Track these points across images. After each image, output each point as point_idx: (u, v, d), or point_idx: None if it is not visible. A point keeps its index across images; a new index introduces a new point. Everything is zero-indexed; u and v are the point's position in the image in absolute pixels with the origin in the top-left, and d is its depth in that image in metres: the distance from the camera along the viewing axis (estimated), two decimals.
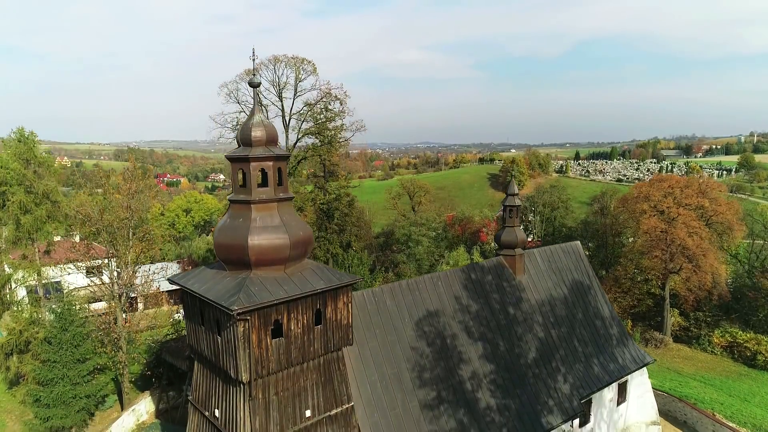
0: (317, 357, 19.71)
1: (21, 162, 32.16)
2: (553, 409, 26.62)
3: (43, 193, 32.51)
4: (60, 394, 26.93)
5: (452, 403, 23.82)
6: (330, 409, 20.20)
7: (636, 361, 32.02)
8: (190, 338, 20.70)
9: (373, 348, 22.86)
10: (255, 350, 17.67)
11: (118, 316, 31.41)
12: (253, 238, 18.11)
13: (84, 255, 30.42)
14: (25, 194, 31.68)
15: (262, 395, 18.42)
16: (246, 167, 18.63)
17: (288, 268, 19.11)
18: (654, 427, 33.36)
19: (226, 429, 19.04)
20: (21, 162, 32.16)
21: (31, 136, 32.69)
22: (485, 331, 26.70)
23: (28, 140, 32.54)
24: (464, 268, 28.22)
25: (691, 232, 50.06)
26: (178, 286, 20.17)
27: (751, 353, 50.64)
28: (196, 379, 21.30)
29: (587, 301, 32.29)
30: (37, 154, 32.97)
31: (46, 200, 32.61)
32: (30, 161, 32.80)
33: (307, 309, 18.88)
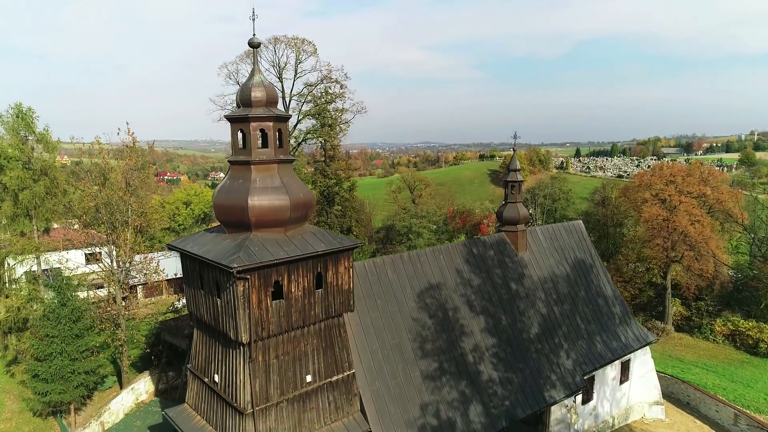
0: (318, 322, 19.47)
1: (19, 137, 31.89)
2: (556, 384, 26.38)
3: (41, 169, 32.27)
4: (58, 369, 26.68)
5: (454, 375, 23.59)
6: (331, 375, 19.98)
7: (639, 340, 31.78)
8: (189, 304, 20.47)
9: (374, 317, 22.63)
10: (255, 311, 17.43)
11: (117, 294, 31.17)
12: (253, 198, 17.87)
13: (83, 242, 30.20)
14: (23, 170, 31.43)
15: (262, 358, 18.19)
16: (246, 127, 18.39)
17: (288, 230, 18.87)
18: (657, 406, 33.11)
19: (226, 393, 18.80)
20: (19, 137, 31.89)
21: (30, 111, 32.46)
22: (487, 305, 26.46)
23: (26, 115, 32.33)
24: (466, 242, 28.01)
25: (693, 220, 49.83)
26: (178, 251, 19.92)
27: (753, 341, 50.35)
28: (196, 347, 21.07)
29: (590, 280, 32.05)
30: (35, 130, 32.75)
31: (44, 176, 32.39)
32: (28, 137, 32.58)
33: (308, 272, 18.64)
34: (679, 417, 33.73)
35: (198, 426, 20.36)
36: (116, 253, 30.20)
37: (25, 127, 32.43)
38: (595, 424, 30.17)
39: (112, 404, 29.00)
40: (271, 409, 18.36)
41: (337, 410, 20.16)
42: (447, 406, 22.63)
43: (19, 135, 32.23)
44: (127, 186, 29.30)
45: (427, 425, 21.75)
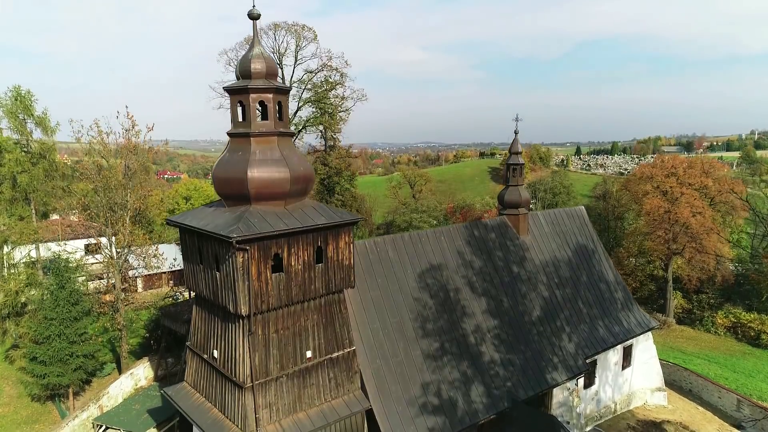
0: (318, 297, 19.26)
1: (17, 120, 31.66)
2: (558, 366, 26.16)
3: (40, 153, 32.05)
4: (57, 351, 26.47)
5: (456, 355, 23.38)
6: (331, 351, 19.77)
7: (641, 325, 31.57)
8: (188, 280, 20.26)
9: (375, 296, 22.44)
10: (254, 283, 17.23)
11: (116, 280, 30.96)
12: (252, 170, 17.66)
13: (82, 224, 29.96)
14: (22, 153, 31.20)
15: (261, 332, 17.99)
16: (245, 99, 18.18)
17: (288, 204, 18.66)
18: (659, 393, 32.90)
19: (225, 368, 18.60)
20: (17, 120, 31.66)
21: (28, 94, 32.26)
22: (489, 287, 26.26)
23: (25, 98, 32.11)
24: (467, 224, 27.80)
25: (694, 212, 49.63)
26: (177, 226, 19.73)
27: (755, 333, 50.23)
28: (195, 324, 20.86)
29: (591, 265, 31.84)
30: (34, 113, 32.52)
31: (42, 159, 32.19)
32: (27, 120, 32.36)
33: (308, 245, 18.44)
34: (681, 404, 33.53)
35: (197, 403, 20.17)
36: (114, 239, 29.96)
37: (23, 110, 32.24)
38: (597, 410, 29.96)
39: (110, 388, 28.80)
40: (270, 384, 18.15)
41: (337, 387, 19.95)
42: (448, 386, 22.43)
43: (17, 118, 32.06)
44: (126, 170, 29.10)
45: (429, 404, 21.54)
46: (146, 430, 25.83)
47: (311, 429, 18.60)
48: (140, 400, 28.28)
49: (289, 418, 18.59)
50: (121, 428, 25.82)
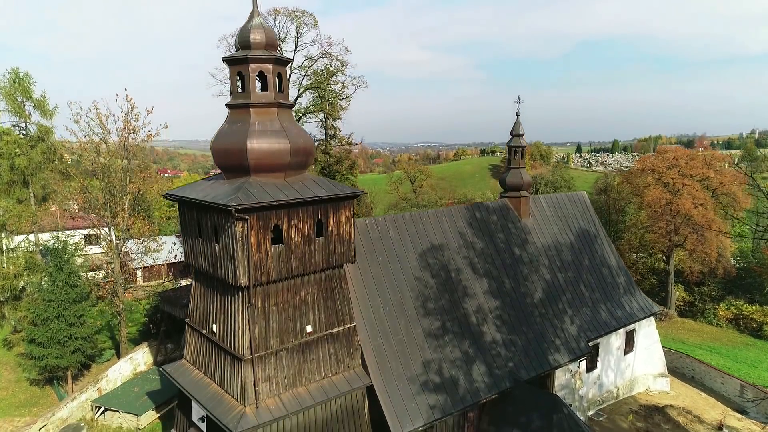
0: (319, 271, 19.07)
1: (16, 103, 31.43)
2: (560, 348, 25.95)
3: (38, 136, 31.82)
4: (55, 333, 26.26)
5: (457, 335, 23.18)
6: (332, 327, 19.57)
7: (644, 310, 31.35)
8: (187, 255, 20.07)
9: (376, 273, 22.24)
10: (254, 254, 17.03)
11: (115, 263, 30.77)
12: (252, 141, 17.46)
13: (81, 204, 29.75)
14: (20, 135, 30.97)
15: (261, 304, 17.79)
16: (245, 69, 17.99)
17: (288, 176, 18.46)
18: (662, 378, 32.69)
19: (225, 342, 18.40)
20: (16, 103, 31.43)
21: (27, 76, 32.06)
22: (490, 269, 26.06)
23: (23, 80, 31.91)
24: (468, 206, 27.60)
25: (696, 203, 49.39)
26: (176, 199, 19.54)
27: (757, 324, 50.01)
28: (194, 299, 20.67)
29: (594, 249, 31.64)
30: (32, 95, 32.30)
31: (41, 142, 31.97)
32: (25, 102, 32.14)
33: (308, 218, 18.25)
34: (684, 390, 33.32)
35: (196, 379, 19.97)
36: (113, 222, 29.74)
37: (22, 93, 32.02)
38: (599, 394, 29.75)
39: (109, 372, 28.60)
40: (270, 357, 17.96)
41: (338, 363, 19.76)
42: (450, 365, 22.22)
43: (16, 100, 31.84)
44: (125, 151, 28.91)
45: (430, 382, 21.34)
46: (145, 411, 25.65)
47: (311, 403, 18.40)
48: (139, 383, 28.12)
49: (289, 392, 18.40)
50: (120, 409, 25.65)
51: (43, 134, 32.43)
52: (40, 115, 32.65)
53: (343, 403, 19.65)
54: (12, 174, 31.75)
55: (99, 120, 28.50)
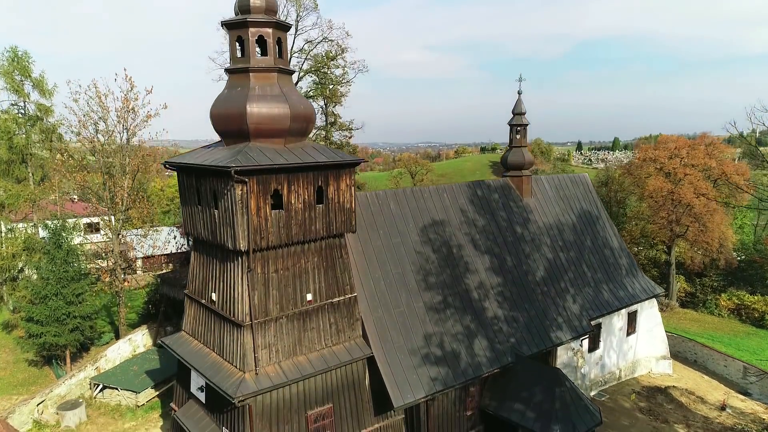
0: (319, 239, 18.88)
1: (14, 82, 31.23)
2: (562, 326, 25.75)
3: (37, 115, 31.61)
4: (53, 311, 26.08)
5: (459, 309, 22.98)
6: (332, 296, 19.38)
7: (646, 291, 31.16)
8: (186, 225, 19.88)
9: (377, 247, 22.05)
10: (254, 218, 16.84)
11: (114, 246, 30.59)
12: (251, 105, 17.27)
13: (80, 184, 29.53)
14: (18, 114, 30.74)
15: (261, 270, 17.60)
16: (244, 33, 17.79)
17: (288, 143, 18.28)
18: (664, 361, 32.48)
19: (224, 309, 18.20)
20: (14, 82, 31.23)
21: (26, 55, 31.86)
22: (492, 246, 25.86)
23: (22, 59, 31.71)
24: (470, 183, 27.38)
25: (698, 193, 49.17)
26: (175, 167, 19.37)
27: (759, 314, 49.77)
28: (193, 270, 20.48)
29: (596, 231, 31.45)
30: (31, 74, 32.09)
31: (40, 121, 31.77)
32: (24, 81, 31.94)
33: (309, 184, 18.06)
34: (686, 373, 33.12)
35: (195, 349, 19.78)
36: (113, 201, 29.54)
37: (20, 71, 31.82)
38: (601, 375, 29.55)
39: (108, 352, 28.41)
40: (269, 324, 17.76)
41: (338, 333, 19.56)
42: (451, 338, 22.03)
43: (14, 79, 31.65)
44: (124, 130, 28.74)
45: (431, 355, 21.14)
46: (144, 389, 25.46)
47: (311, 372, 18.20)
48: (138, 363, 27.95)
49: (289, 360, 18.20)
50: (119, 387, 25.46)
51: (42, 113, 32.27)
52: (39, 95, 32.57)
53: (344, 373, 19.45)
54: (11, 153, 31.57)
55: (98, 98, 28.32)
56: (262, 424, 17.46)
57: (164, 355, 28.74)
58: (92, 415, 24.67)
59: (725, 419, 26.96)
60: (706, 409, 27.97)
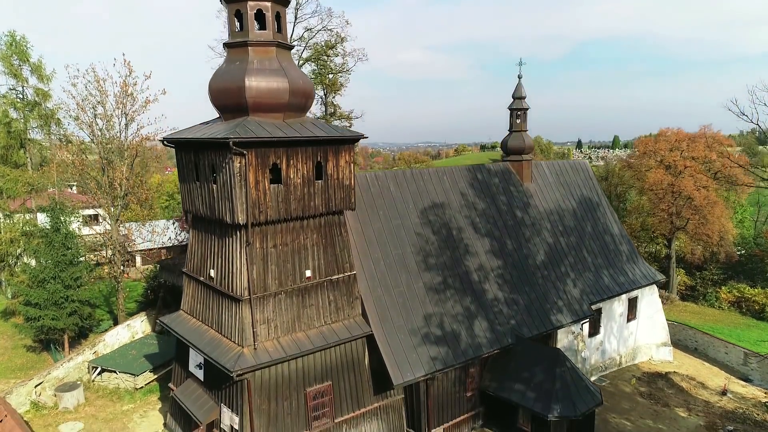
0: (318, 215, 18.78)
1: (12, 67, 31.06)
2: (563, 309, 25.64)
3: (35, 100, 31.45)
4: (51, 294, 25.94)
5: (459, 290, 22.88)
6: (331, 274, 19.27)
7: (646, 278, 31.03)
8: (185, 203, 19.76)
9: (377, 228, 21.95)
10: (252, 191, 16.73)
11: (112, 231, 30.46)
12: (250, 79, 17.17)
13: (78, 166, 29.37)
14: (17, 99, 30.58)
15: (259, 245, 17.50)
16: (243, 7, 17.66)
17: (287, 118, 18.17)
18: (665, 348, 32.37)
19: (223, 285, 18.10)
20: (12, 67, 31.06)
21: (23, 39, 31.72)
22: (492, 229, 25.75)
23: (20, 44, 31.56)
24: (470, 167, 27.26)
25: (698, 185, 49.08)
26: (173, 143, 19.25)
27: (759, 306, 49.70)
28: (191, 249, 20.38)
29: (596, 217, 31.33)
30: (29, 59, 31.96)
31: (38, 106, 31.62)
32: (22, 66, 31.78)
33: (308, 159, 17.94)
34: (687, 360, 33.03)
35: (193, 327, 19.66)
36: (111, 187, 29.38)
37: (18, 56, 31.69)
38: (602, 360, 29.42)
39: (107, 337, 28.26)
40: (268, 299, 17.65)
41: (337, 311, 19.45)
42: (451, 319, 21.92)
43: (12, 63, 31.51)
44: (123, 115, 28.59)
45: (431, 334, 21.03)
46: (142, 372, 25.33)
47: (310, 348, 18.08)
48: (137, 347, 27.82)
49: (287, 336, 18.09)
50: (117, 369, 25.33)
51: (41, 98, 32.14)
52: (37, 80, 32.43)
53: (343, 352, 19.35)
54: (9, 138, 31.42)
55: (97, 83, 28.19)
56: (261, 400, 17.35)
57: (163, 340, 28.62)
58: (90, 397, 24.54)
59: (726, 404, 26.86)
60: (707, 394, 27.86)
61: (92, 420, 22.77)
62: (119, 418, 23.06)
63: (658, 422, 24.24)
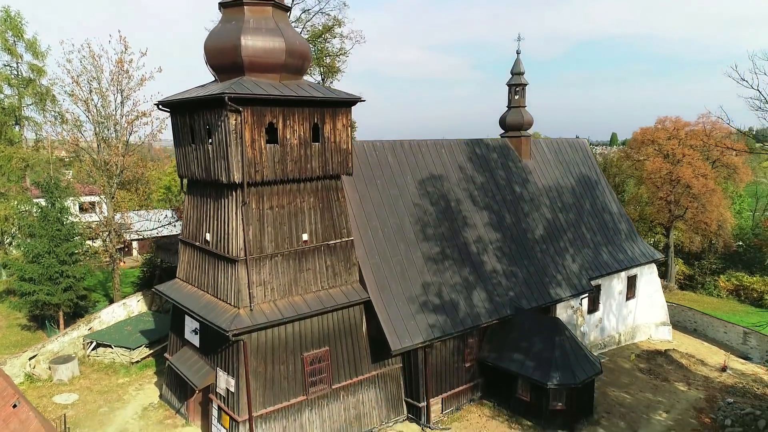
0: (315, 179, 18.59)
1: (6, 41, 30.75)
2: (562, 283, 25.47)
3: (29, 78, 31.16)
4: (46, 268, 25.71)
5: (457, 261, 22.70)
6: (329, 239, 19.07)
7: (645, 256, 30.90)
8: (180, 168, 19.55)
9: (374, 196, 21.75)
10: (248, 150, 16.54)
11: (107, 208, 30.21)
12: (246, 38, 16.98)
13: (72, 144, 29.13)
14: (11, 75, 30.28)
15: (255, 205, 17.31)
16: None
17: (284, 79, 17.98)
18: (664, 327, 32.23)
19: (219, 247, 17.88)
20: (6, 41, 30.75)
21: (18, 15, 31.43)
22: (491, 203, 25.58)
23: (14, 19, 31.26)
24: (468, 141, 27.05)
25: (697, 173, 48.96)
26: (167, 107, 19.05)
27: (758, 294, 49.59)
28: (186, 215, 20.17)
29: (595, 195, 31.19)
30: (23, 34, 31.65)
31: (33, 82, 31.34)
32: (17, 42, 31.49)
33: (304, 120, 17.76)
34: (686, 340, 32.92)
35: (189, 293, 19.44)
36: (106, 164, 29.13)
37: (13, 31, 31.40)
38: (601, 338, 29.27)
39: (102, 314, 27.98)
40: (265, 261, 17.45)
41: (335, 276, 19.25)
42: (450, 289, 21.74)
43: (6, 39, 31.22)
44: (118, 90, 28.34)
45: (429, 303, 20.85)
46: (138, 346, 25.11)
47: (307, 311, 17.88)
48: (132, 323, 27.60)
49: (284, 299, 17.89)
50: (112, 344, 25.10)
51: (36, 75, 31.84)
52: (32, 56, 32.11)
53: (341, 318, 19.17)
54: (3, 115, 31.12)
55: (92, 59, 27.95)
56: (257, 362, 17.15)
57: (159, 318, 28.38)
58: (85, 371, 24.30)
59: (726, 379, 26.71)
60: (707, 370, 27.72)
61: (87, 392, 22.53)
62: (114, 390, 22.83)
63: (657, 395, 24.07)
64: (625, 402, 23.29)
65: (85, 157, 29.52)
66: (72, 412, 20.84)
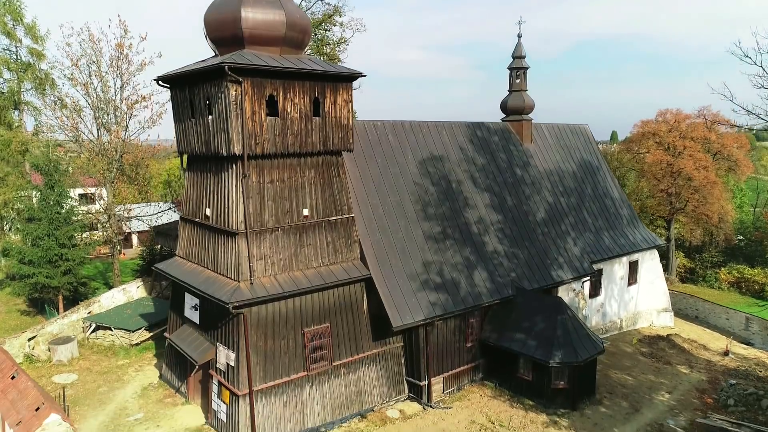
0: (316, 153, 18.48)
1: (5, 25, 30.62)
2: (563, 266, 25.38)
3: (29, 62, 31.05)
4: (45, 251, 25.59)
5: (458, 241, 22.59)
6: (329, 215, 18.96)
7: (647, 241, 30.80)
8: (180, 144, 19.43)
9: (375, 176, 21.64)
10: (248, 122, 16.43)
11: (107, 192, 30.11)
12: (246, 9, 16.87)
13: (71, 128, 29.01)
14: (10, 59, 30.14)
15: (256, 178, 17.19)
16: None
17: (284, 52, 17.87)
18: (665, 313, 32.12)
19: (219, 222, 17.77)
20: (5, 25, 30.62)
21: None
22: (492, 184, 25.49)
23: (13, 3, 31.16)
24: (469, 123, 26.94)
25: (697, 165, 48.82)
26: (167, 83, 18.95)
27: (759, 286, 49.44)
28: (186, 192, 20.07)
29: (596, 180, 31.10)
30: (22, 18, 31.54)
31: (32, 66, 31.21)
32: (16, 26, 31.38)
33: (305, 94, 17.65)
34: (688, 327, 32.85)
35: (189, 270, 19.31)
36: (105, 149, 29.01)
37: (12, 15, 31.30)
38: (603, 323, 29.16)
39: (102, 298, 27.88)
40: (265, 235, 17.33)
41: (335, 252, 19.13)
42: (451, 268, 21.62)
43: (5, 23, 31.12)
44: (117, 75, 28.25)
45: (431, 281, 20.74)
46: (138, 328, 25.00)
47: (308, 286, 17.76)
48: (132, 307, 27.48)
49: (285, 274, 17.77)
50: (112, 326, 24.98)
51: (35, 59, 31.75)
52: (31, 41, 32.03)
53: (342, 294, 19.05)
54: (2, 99, 31.01)
55: (91, 42, 27.85)
56: (257, 336, 17.03)
57: (159, 302, 28.26)
58: (85, 353, 24.18)
59: (728, 362, 26.60)
60: (709, 354, 27.62)
61: (86, 372, 22.41)
62: (114, 371, 22.71)
63: (659, 377, 23.95)
64: (627, 383, 23.17)
65: (84, 140, 29.41)
66: (71, 391, 20.71)
